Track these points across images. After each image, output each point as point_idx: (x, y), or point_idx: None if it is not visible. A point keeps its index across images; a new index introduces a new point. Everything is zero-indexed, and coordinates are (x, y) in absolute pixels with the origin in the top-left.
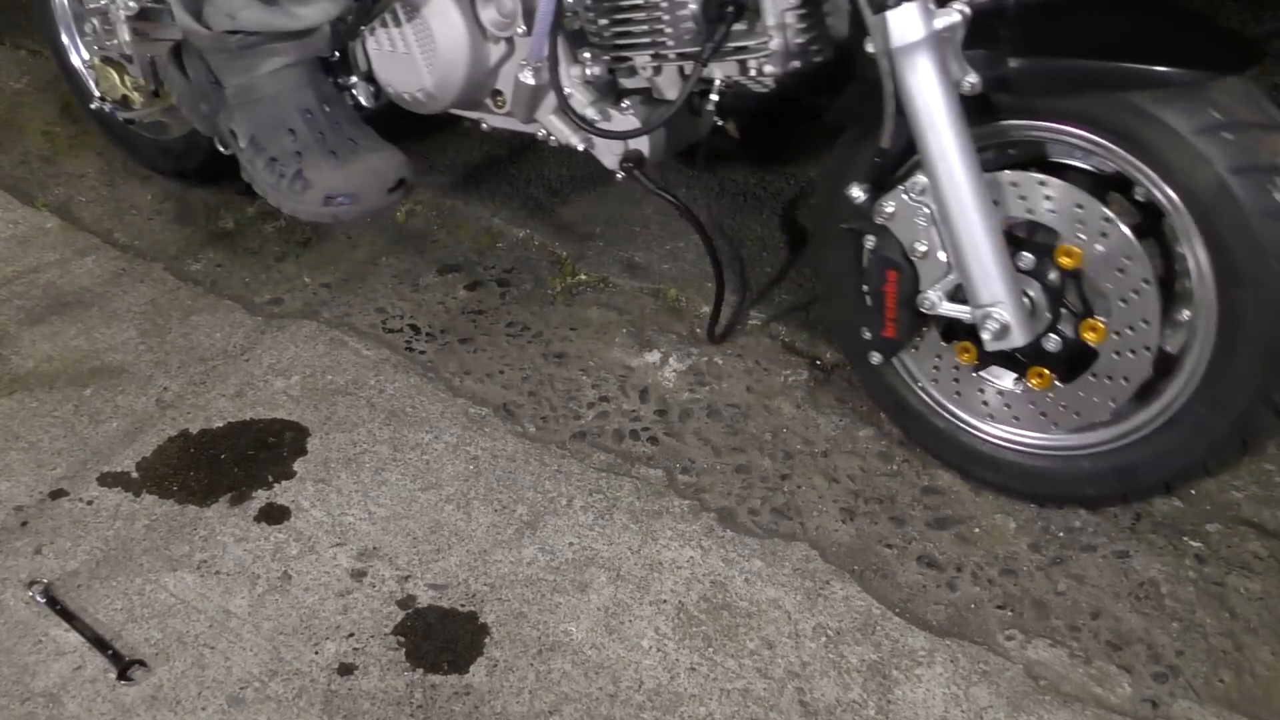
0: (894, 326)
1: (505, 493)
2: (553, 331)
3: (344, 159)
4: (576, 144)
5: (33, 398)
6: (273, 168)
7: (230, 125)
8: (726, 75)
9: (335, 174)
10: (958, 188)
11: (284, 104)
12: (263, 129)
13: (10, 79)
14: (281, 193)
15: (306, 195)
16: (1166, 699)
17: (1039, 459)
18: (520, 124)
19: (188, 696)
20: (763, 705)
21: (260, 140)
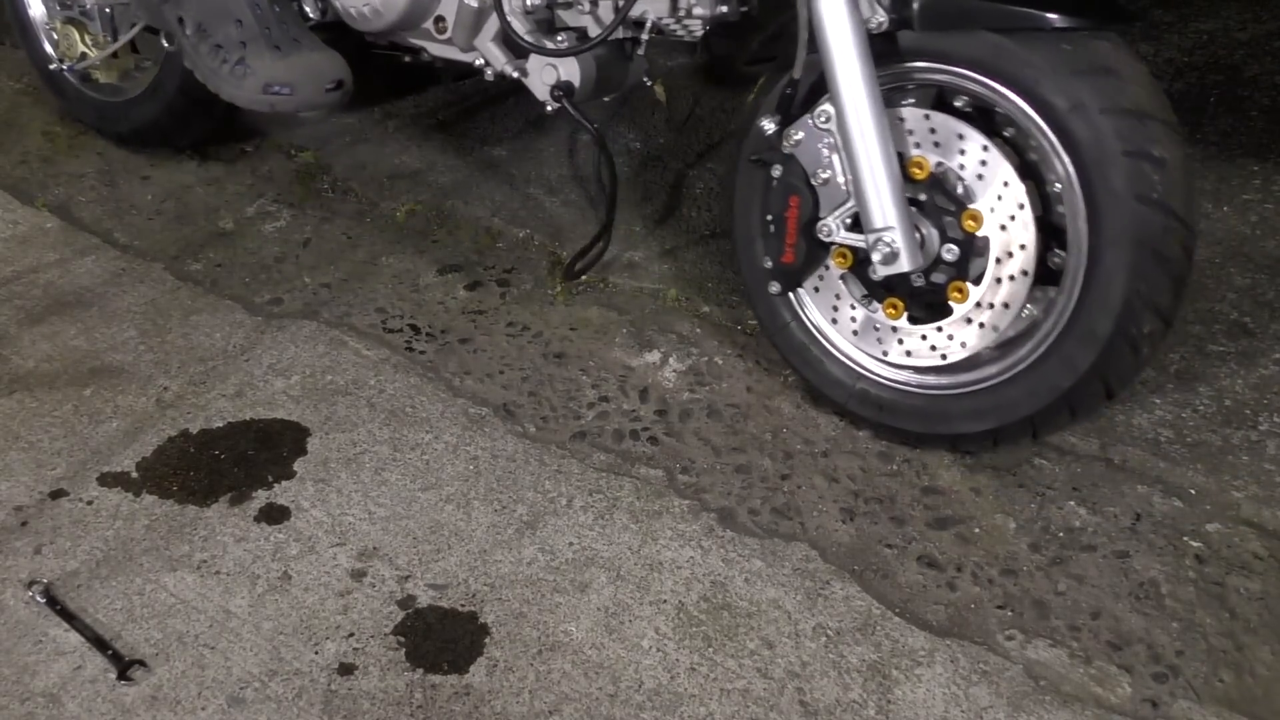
0: (793, 252)
1: (505, 493)
2: (553, 331)
3: (286, 53)
4: (510, 71)
5: (33, 398)
6: (216, 53)
7: (178, 12)
8: (657, 15)
9: (276, 65)
10: (860, 116)
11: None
12: (210, 17)
13: (10, 79)
14: (222, 77)
15: (246, 82)
16: (1166, 699)
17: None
18: (460, 52)
19: (188, 696)
20: (763, 705)
21: (207, 27)
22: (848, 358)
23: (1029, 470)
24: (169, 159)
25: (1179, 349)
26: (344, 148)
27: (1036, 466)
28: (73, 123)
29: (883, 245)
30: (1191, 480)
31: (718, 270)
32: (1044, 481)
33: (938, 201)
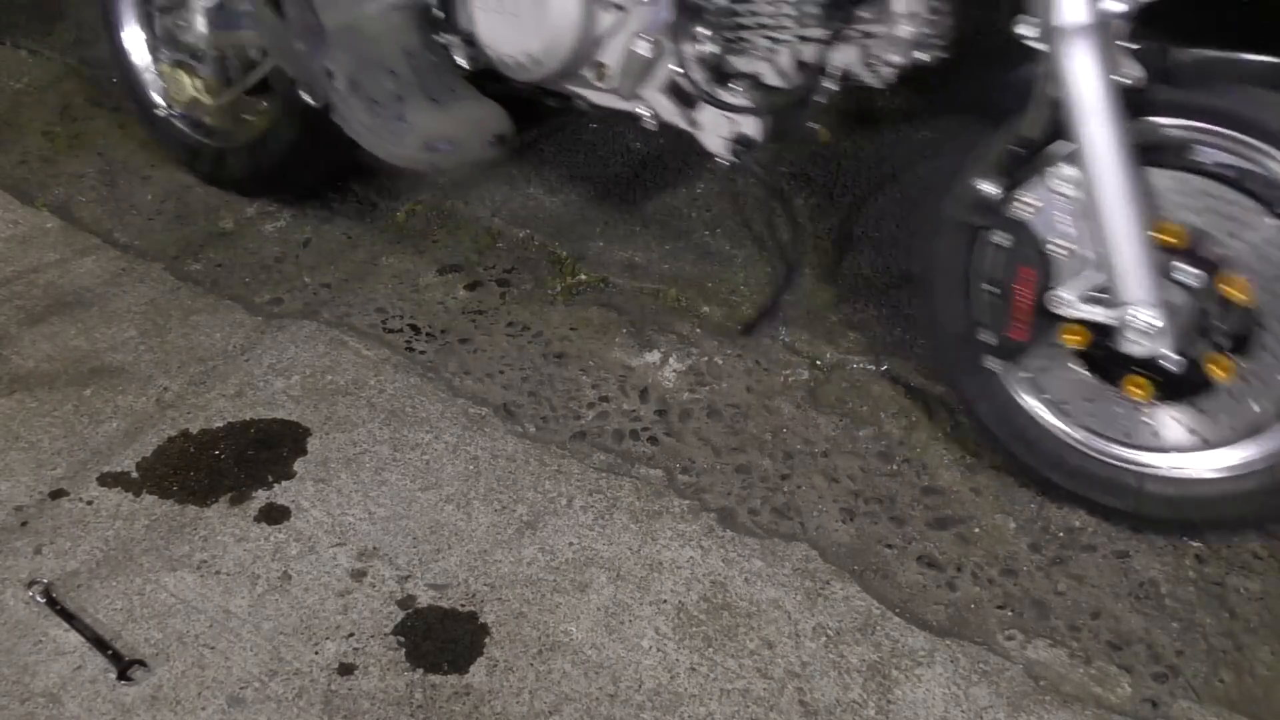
0: (1022, 327)
1: (505, 493)
2: (553, 331)
3: (445, 105)
4: (680, 123)
5: (33, 398)
6: (372, 109)
7: (328, 64)
8: (846, 64)
9: (436, 119)
10: (1112, 179)
11: (387, 45)
12: (363, 69)
13: (10, 79)
14: (379, 135)
15: (406, 139)
16: (1166, 699)
17: None
18: (620, 100)
19: (188, 696)
20: (763, 705)
21: (360, 81)
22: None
23: None
24: (169, 159)
25: None
26: None
27: None
28: (72, 122)
29: (1137, 320)
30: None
31: (717, 270)
32: None
33: (1193, 269)
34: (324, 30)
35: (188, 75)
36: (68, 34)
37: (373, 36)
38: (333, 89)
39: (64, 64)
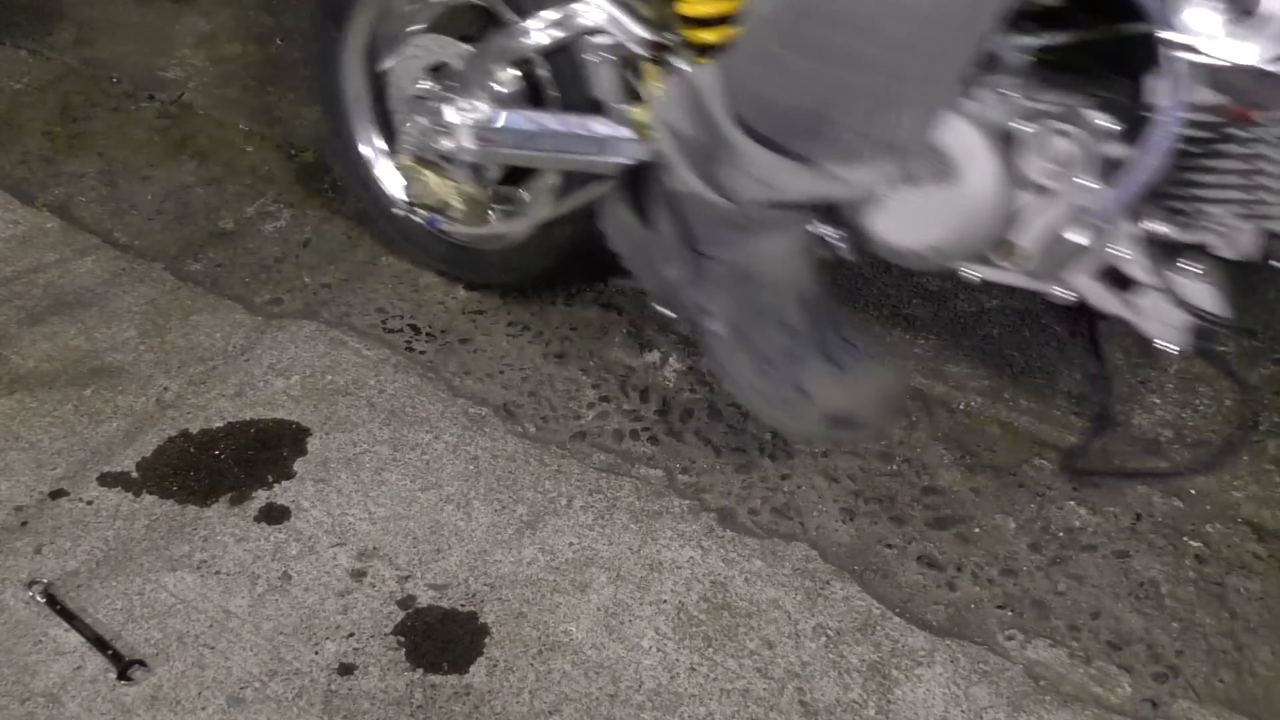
0: None
1: (505, 493)
2: (553, 331)
3: (845, 369)
4: (1118, 311)
5: (33, 398)
6: (760, 368)
7: (705, 302)
8: None
9: (838, 389)
10: None
11: (783, 291)
12: (752, 318)
13: (10, 79)
14: (771, 401)
15: (804, 411)
16: (1166, 699)
17: None
18: (1031, 280)
19: (188, 696)
20: (763, 705)
21: (747, 331)
22: None
23: (1029, 470)
24: (169, 159)
25: None
26: None
27: (1036, 466)
28: (72, 122)
29: None
30: (1191, 480)
31: None
32: (1044, 481)
33: None
34: (707, 263)
35: (436, 175)
36: (68, 34)
37: (769, 281)
38: (710, 331)
39: (64, 64)
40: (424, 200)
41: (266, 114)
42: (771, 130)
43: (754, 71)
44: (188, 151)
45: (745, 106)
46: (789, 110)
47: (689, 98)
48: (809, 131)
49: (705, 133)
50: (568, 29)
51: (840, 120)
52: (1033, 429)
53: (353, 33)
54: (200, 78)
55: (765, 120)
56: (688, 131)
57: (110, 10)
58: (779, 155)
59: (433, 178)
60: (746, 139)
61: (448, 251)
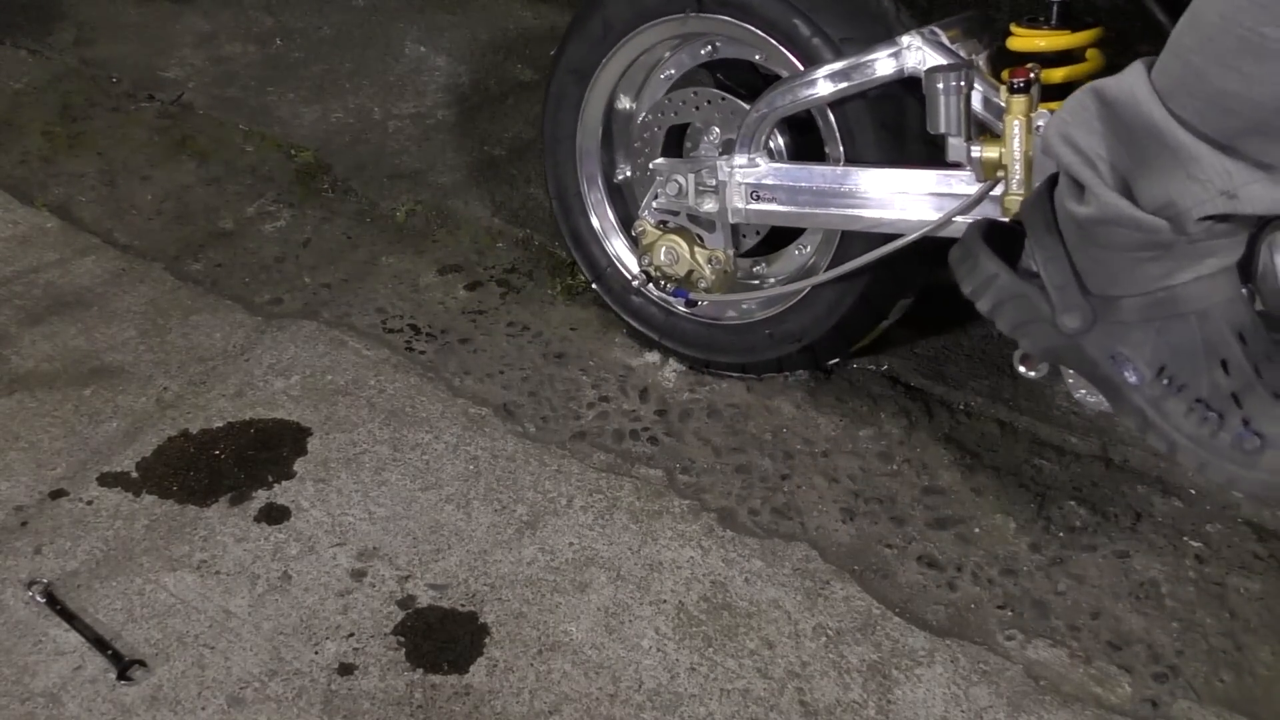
0: None
1: (505, 493)
2: (553, 331)
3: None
4: None
5: (33, 398)
6: (1199, 415)
7: (1117, 349)
8: None
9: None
10: None
11: (1215, 323)
12: (1181, 359)
13: (10, 79)
14: (1216, 451)
15: (1262, 459)
16: (1166, 699)
17: None
18: None
19: (188, 696)
20: (763, 705)
21: (1177, 374)
22: None
23: (1029, 470)
24: (169, 159)
25: None
26: (344, 148)
27: (1036, 466)
28: (72, 122)
29: None
30: (1191, 480)
31: None
32: (1044, 481)
33: None
34: (1115, 304)
35: (686, 243)
36: (68, 34)
37: (1196, 312)
38: (1128, 383)
39: (64, 64)
40: (667, 269)
41: (266, 114)
42: (1229, 132)
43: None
44: (188, 151)
45: (1194, 105)
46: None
47: (1101, 109)
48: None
49: (1135, 143)
50: (864, 77)
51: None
52: (1033, 429)
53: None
54: (200, 78)
55: (1223, 120)
56: (1100, 148)
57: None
58: (1239, 160)
59: (681, 243)
60: (1199, 141)
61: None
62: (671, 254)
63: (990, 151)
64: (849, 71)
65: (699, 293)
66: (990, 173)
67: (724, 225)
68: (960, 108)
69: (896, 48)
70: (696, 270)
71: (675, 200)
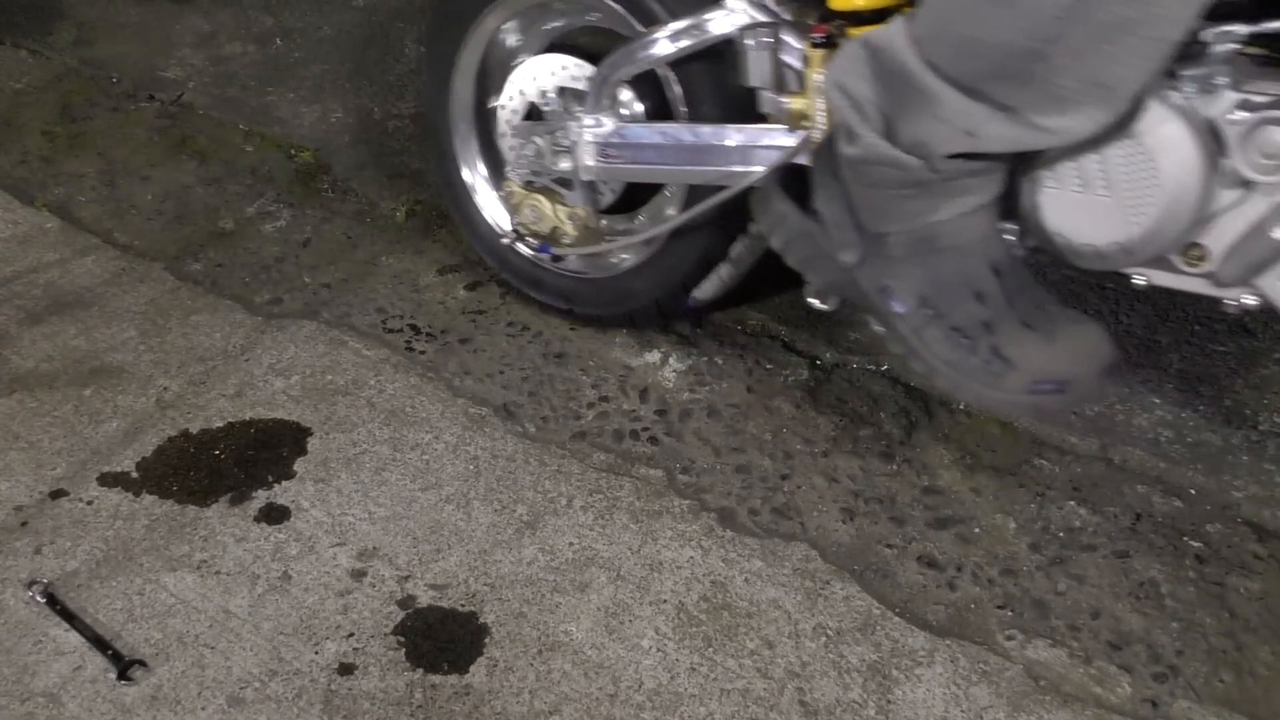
0: None
1: (505, 493)
2: (553, 331)
3: (1045, 333)
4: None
5: (33, 398)
6: (954, 341)
7: (885, 281)
8: None
9: (1040, 353)
10: None
11: (971, 257)
12: (940, 290)
13: (10, 79)
14: (967, 373)
15: (1006, 381)
16: (1166, 699)
17: None
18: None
19: (188, 696)
20: (763, 705)
21: (936, 304)
22: None
23: (1029, 470)
24: (169, 158)
25: (1179, 349)
26: (344, 148)
27: (1036, 466)
28: (72, 122)
29: None
30: (1191, 480)
31: None
32: (1044, 481)
33: None
34: (882, 239)
35: (549, 201)
36: (68, 34)
37: (953, 247)
38: (895, 313)
39: (64, 64)
40: (534, 226)
41: (266, 114)
42: (976, 76)
43: (963, 10)
44: (188, 151)
45: (943, 51)
46: (999, 49)
47: (868, 57)
48: (1018, 73)
49: (893, 87)
50: (698, 36)
51: (1057, 57)
52: (1033, 429)
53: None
54: (200, 78)
55: (972, 65)
56: (868, 93)
57: (110, 10)
58: (981, 103)
59: (544, 202)
60: (946, 86)
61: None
62: (536, 212)
63: (796, 104)
64: (684, 32)
65: (562, 248)
66: (796, 123)
67: (580, 183)
68: (769, 63)
69: (725, 9)
70: (560, 227)
71: (535, 161)
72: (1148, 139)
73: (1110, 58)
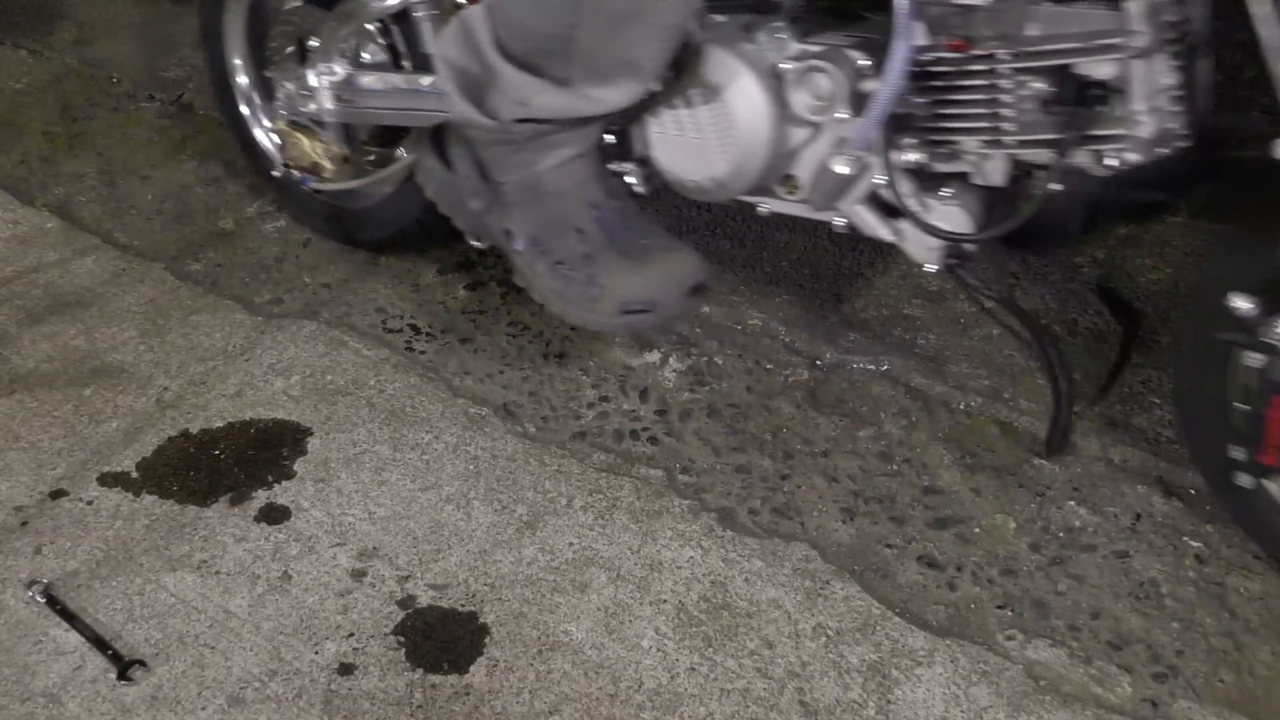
0: (1275, 454)
1: (505, 493)
2: (553, 331)
3: (638, 261)
4: (884, 235)
5: (33, 398)
6: (557, 272)
7: (505, 224)
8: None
9: (630, 279)
10: None
11: (570, 200)
12: (546, 229)
13: (10, 79)
14: (569, 300)
15: (600, 304)
16: (1166, 699)
17: None
18: (812, 211)
19: (188, 696)
20: (763, 705)
21: (543, 241)
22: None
23: (1029, 470)
24: (169, 159)
25: None
26: None
27: (1036, 466)
28: (72, 122)
29: None
30: (1191, 480)
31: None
32: (1044, 481)
33: None
34: (499, 187)
35: (307, 139)
36: (68, 34)
37: (555, 192)
38: (513, 250)
39: (64, 64)
40: (297, 161)
41: None
42: (528, 54)
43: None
44: (188, 151)
45: (505, 33)
46: (542, 34)
47: (461, 32)
48: (560, 54)
49: (474, 62)
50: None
51: (584, 41)
52: (1033, 429)
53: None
54: (200, 78)
55: (522, 45)
56: (460, 63)
57: (110, 10)
58: (534, 77)
59: (304, 140)
60: (504, 62)
61: (326, 212)
62: (298, 149)
63: None
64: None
65: (322, 181)
66: None
67: (328, 124)
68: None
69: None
70: (319, 162)
71: (287, 104)
72: (722, 87)
73: (627, 42)
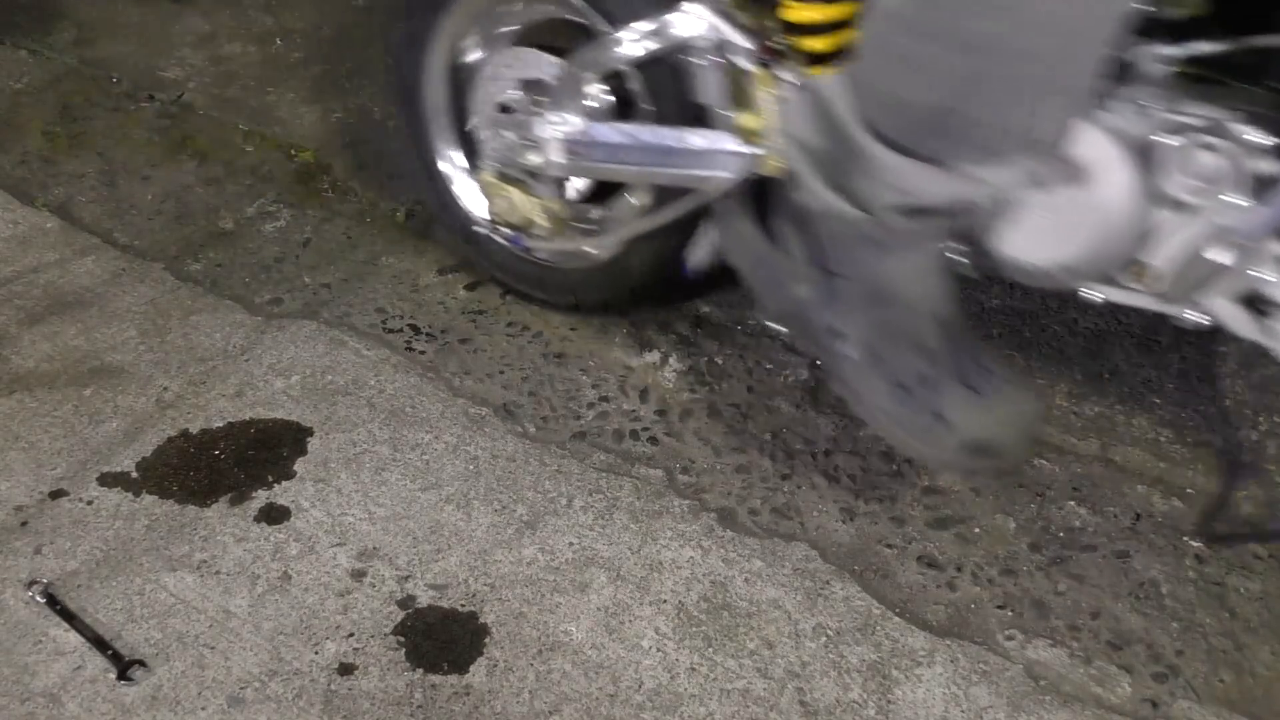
0: None
1: (505, 493)
2: (553, 331)
3: (984, 395)
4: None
5: (33, 398)
6: (896, 395)
7: (835, 323)
8: None
9: (979, 415)
10: None
11: (920, 312)
12: (888, 340)
13: (10, 79)
14: (906, 428)
15: (942, 439)
16: (1166, 699)
17: None
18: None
19: (188, 696)
20: (763, 705)
21: (883, 354)
22: None
23: (1029, 470)
24: (169, 159)
25: (1179, 349)
26: (344, 148)
27: (1036, 466)
28: (72, 122)
29: None
30: (1191, 480)
31: None
32: (1044, 481)
33: None
34: (840, 282)
35: (521, 193)
36: (68, 34)
37: (904, 301)
38: (841, 355)
39: (64, 64)
40: (506, 217)
41: (266, 114)
42: (904, 132)
43: (883, 70)
44: (188, 151)
45: (875, 109)
46: (921, 108)
47: (815, 107)
48: (943, 129)
49: (835, 142)
50: (663, 39)
51: (975, 114)
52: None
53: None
54: (200, 78)
55: (897, 122)
56: (816, 143)
57: (110, 10)
58: (912, 159)
59: (516, 194)
60: (878, 144)
61: (531, 272)
62: (508, 203)
63: (745, 120)
64: (644, 36)
65: (534, 239)
66: (748, 139)
67: (548, 178)
68: (718, 81)
69: (685, 14)
70: (532, 219)
71: (505, 154)
72: (1085, 162)
73: (1031, 113)
